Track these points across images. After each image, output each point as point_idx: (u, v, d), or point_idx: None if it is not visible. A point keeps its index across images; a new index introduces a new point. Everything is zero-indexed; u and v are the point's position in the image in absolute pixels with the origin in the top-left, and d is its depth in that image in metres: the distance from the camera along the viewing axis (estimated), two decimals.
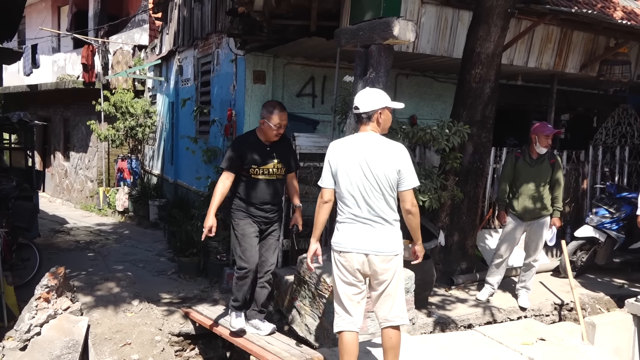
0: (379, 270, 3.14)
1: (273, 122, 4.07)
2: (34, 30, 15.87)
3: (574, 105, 10.14)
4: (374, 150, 3.15)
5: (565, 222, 7.36)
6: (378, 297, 3.23)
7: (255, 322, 4.35)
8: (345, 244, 3.16)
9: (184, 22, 9.57)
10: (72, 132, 14.72)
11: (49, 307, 4.43)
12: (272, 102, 4.34)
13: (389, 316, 3.21)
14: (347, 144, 3.23)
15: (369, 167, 3.11)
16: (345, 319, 3.21)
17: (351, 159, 3.16)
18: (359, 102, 3.24)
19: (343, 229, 3.20)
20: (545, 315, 5.53)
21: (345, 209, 3.18)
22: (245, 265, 4.13)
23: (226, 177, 4.07)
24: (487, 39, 5.60)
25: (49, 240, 8.75)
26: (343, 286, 3.22)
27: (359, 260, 3.14)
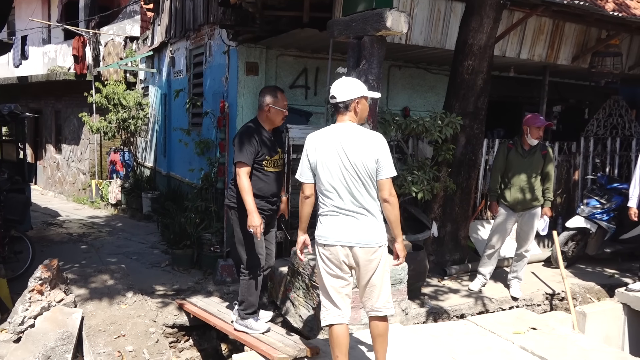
0: (364, 262, 3.14)
1: (280, 104, 3.98)
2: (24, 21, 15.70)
3: (565, 96, 10.19)
4: (351, 140, 3.11)
5: (556, 213, 7.42)
6: (364, 288, 3.23)
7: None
8: (329, 237, 3.14)
9: (176, 13, 9.50)
10: (63, 124, 14.62)
11: (43, 299, 4.43)
12: (271, 86, 4.28)
13: (376, 306, 3.22)
14: (323, 136, 3.19)
15: (347, 157, 3.08)
16: (333, 312, 3.20)
17: (329, 150, 3.13)
18: (335, 92, 3.19)
19: (326, 221, 3.17)
20: (537, 305, 5.59)
21: (327, 202, 3.16)
22: (258, 263, 4.01)
23: (247, 171, 3.85)
24: (479, 31, 5.61)
25: (42, 232, 8.72)
26: (329, 279, 3.20)
27: (343, 252, 3.13)
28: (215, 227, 6.79)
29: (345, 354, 3.16)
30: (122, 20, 13.69)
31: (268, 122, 4.04)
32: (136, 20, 13.29)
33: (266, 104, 3.98)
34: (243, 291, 4.09)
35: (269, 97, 3.99)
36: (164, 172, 10.55)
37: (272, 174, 4.03)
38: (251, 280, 4.03)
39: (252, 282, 4.03)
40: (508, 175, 5.33)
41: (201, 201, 7.15)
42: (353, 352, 3.38)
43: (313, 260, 4.59)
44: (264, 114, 4.02)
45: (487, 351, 3.95)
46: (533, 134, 5.19)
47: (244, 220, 3.89)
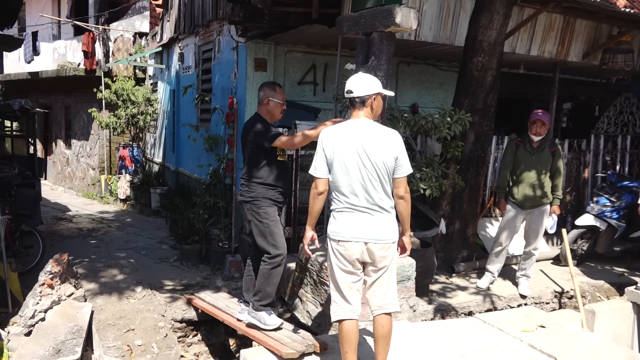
0: (378, 258, 3.14)
1: (279, 97, 4.06)
2: (34, 17, 15.80)
3: (576, 94, 10.12)
4: (371, 137, 3.09)
5: (566, 211, 7.38)
6: (372, 284, 3.22)
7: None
8: (343, 233, 3.12)
9: (185, 9, 9.52)
10: (73, 119, 14.71)
11: (53, 293, 4.47)
12: (268, 82, 4.30)
13: (383, 303, 3.20)
14: (342, 132, 3.14)
15: (367, 154, 3.07)
16: (344, 308, 3.18)
17: (348, 146, 3.09)
18: (352, 86, 3.17)
19: (341, 217, 3.15)
20: (546, 303, 5.58)
21: (342, 198, 3.13)
22: (281, 252, 4.01)
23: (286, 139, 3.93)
24: (489, 27, 5.58)
25: (52, 227, 8.79)
26: (342, 275, 3.18)
27: (358, 249, 3.11)
28: (223, 223, 6.82)
29: (355, 349, 3.16)
30: (132, 16, 13.74)
31: (268, 116, 4.10)
32: (145, 16, 13.33)
33: (265, 97, 4.07)
34: (261, 280, 4.04)
35: (268, 91, 4.09)
36: (172, 167, 10.60)
37: (283, 163, 4.12)
38: (272, 270, 4.00)
39: (273, 272, 4.01)
40: (516, 173, 5.30)
41: (209, 197, 7.17)
42: (361, 347, 3.38)
43: (321, 256, 4.60)
44: (263, 108, 4.11)
45: (495, 349, 3.94)
46: (531, 129, 5.18)
47: (263, 212, 3.97)
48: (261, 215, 3.99)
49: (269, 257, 4.02)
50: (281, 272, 4.09)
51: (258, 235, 4.04)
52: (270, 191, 4.00)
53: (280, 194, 4.07)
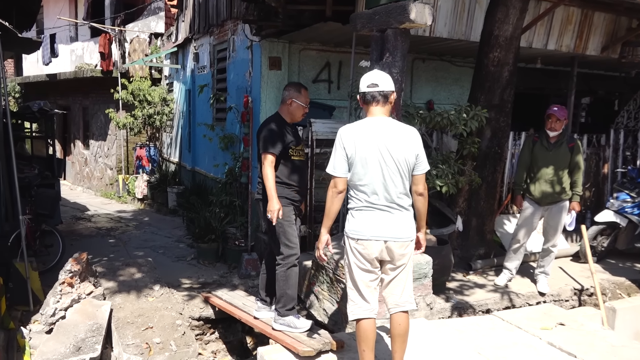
0: (397, 256, 3.12)
1: (302, 100, 4.07)
2: (52, 20, 16.01)
3: (594, 88, 9.96)
4: (392, 134, 3.06)
5: (585, 207, 7.28)
6: (390, 282, 3.19)
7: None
8: (363, 232, 3.08)
9: (199, 9, 9.57)
10: (91, 120, 14.89)
11: (73, 291, 4.54)
12: (296, 82, 4.30)
13: (400, 301, 3.19)
14: (362, 129, 3.09)
15: (389, 152, 3.03)
16: (362, 306, 3.15)
17: (370, 144, 3.04)
18: (378, 80, 3.12)
19: (360, 216, 3.10)
20: (565, 301, 5.51)
21: (361, 196, 3.09)
22: (294, 252, 4.01)
23: (272, 160, 3.89)
24: (505, 22, 5.51)
25: (71, 227, 8.91)
26: (360, 273, 3.15)
27: (377, 247, 3.08)
28: (239, 222, 6.85)
29: (372, 348, 3.15)
30: (147, 17, 13.85)
31: (289, 116, 4.11)
32: (160, 16, 13.43)
33: (289, 98, 4.08)
34: (280, 284, 4.01)
35: (292, 91, 4.09)
36: (188, 167, 10.67)
37: (299, 163, 4.10)
38: (288, 271, 4.00)
39: (289, 272, 4.01)
40: (534, 169, 5.24)
41: (225, 195, 7.21)
42: (378, 345, 3.37)
43: (337, 254, 4.60)
44: (286, 107, 4.11)
45: (514, 347, 3.90)
46: (546, 125, 5.12)
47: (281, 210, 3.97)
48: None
49: (282, 257, 4.01)
50: (297, 272, 4.08)
51: (271, 234, 4.06)
52: (287, 190, 4.01)
53: (297, 193, 4.07)
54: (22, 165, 7.33)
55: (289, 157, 4.02)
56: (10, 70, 19.45)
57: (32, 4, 7.30)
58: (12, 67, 19.65)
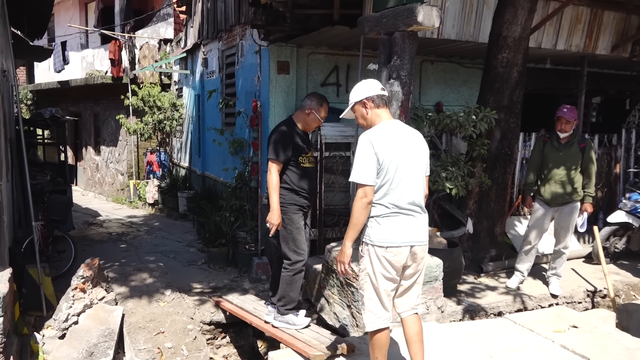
0: (419, 259, 3.10)
1: (321, 114, 4.10)
2: (63, 28, 16.20)
3: (605, 87, 9.88)
4: (412, 137, 3.10)
5: (597, 208, 7.21)
6: (409, 287, 3.16)
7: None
8: (394, 239, 2.98)
9: (208, 14, 9.63)
10: (102, 126, 15.02)
11: (85, 297, 4.57)
12: (320, 94, 4.22)
13: (414, 304, 3.20)
14: (388, 133, 3.03)
15: (414, 155, 3.05)
16: (382, 316, 3.09)
17: (398, 148, 3.00)
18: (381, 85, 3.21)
19: (387, 223, 2.99)
20: (578, 303, 5.46)
21: (388, 201, 2.99)
22: (302, 258, 4.08)
23: (278, 169, 3.94)
24: (513, 22, 5.49)
25: (83, 232, 8.99)
26: (385, 283, 3.05)
27: (405, 253, 3.02)
28: (249, 226, 6.87)
29: (385, 355, 3.14)
30: (156, 23, 13.96)
31: (303, 124, 4.13)
32: (169, 22, 13.53)
33: (309, 108, 4.09)
34: (284, 287, 4.12)
35: (314, 103, 4.10)
36: (198, 171, 10.72)
37: (309, 170, 4.12)
38: (295, 276, 4.09)
39: (295, 277, 4.10)
40: (544, 170, 5.21)
41: (235, 200, 7.24)
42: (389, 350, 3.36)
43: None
44: (303, 115, 4.12)
45: (526, 350, 3.87)
46: (556, 126, 5.09)
47: (288, 219, 4.01)
48: (285, 221, 4.04)
49: (289, 263, 4.07)
50: (303, 276, 4.15)
51: (282, 239, 4.09)
52: (296, 196, 4.04)
53: (306, 199, 4.10)
54: (35, 172, 7.41)
55: (299, 163, 4.04)
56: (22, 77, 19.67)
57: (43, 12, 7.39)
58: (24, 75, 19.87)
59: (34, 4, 6.77)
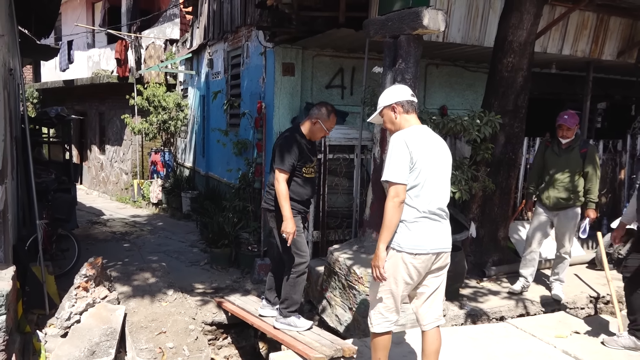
0: (444, 266, 3.06)
1: (328, 125, 4.07)
2: (70, 27, 16.28)
3: (611, 93, 9.85)
4: (440, 143, 3.09)
5: (601, 214, 7.19)
6: (431, 295, 3.10)
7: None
8: (423, 245, 2.93)
9: (214, 15, 9.66)
10: (107, 125, 15.08)
11: (88, 296, 4.58)
12: (329, 104, 4.17)
13: (438, 314, 3.13)
14: (421, 136, 3.01)
15: (442, 162, 3.04)
16: (391, 320, 3.08)
17: (431, 152, 2.99)
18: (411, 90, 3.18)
19: (417, 228, 2.93)
20: (581, 308, 5.43)
21: (419, 205, 2.93)
22: (304, 260, 4.10)
23: (286, 177, 3.97)
24: (519, 27, 5.48)
25: (87, 231, 9.02)
26: (405, 288, 3.02)
27: (432, 260, 2.97)
28: (252, 227, 6.88)
29: (387, 356, 3.16)
30: (163, 23, 14.02)
31: (309, 132, 4.13)
32: (176, 23, 13.58)
33: (316, 117, 4.06)
34: (287, 289, 4.14)
35: (322, 113, 4.06)
36: (202, 172, 10.75)
37: (309, 179, 4.15)
38: (298, 278, 4.10)
39: (298, 280, 4.11)
40: (545, 174, 5.21)
41: (239, 201, 7.25)
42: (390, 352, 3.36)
43: (349, 259, 4.60)
44: (309, 124, 4.11)
45: (528, 355, 3.86)
46: (557, 132, 5.08)
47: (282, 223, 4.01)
48: (280, 226, 4.04)
49: (292, 265, 4.09)
50: (305, 278, 4.17)
51: (282, 243, 4.10)
52: (294, 203, 4.07)
53: (305, 204, 4.16)
54: (40, 170, 7.45)
55: (302, 173, 4.08)
56: (28, 76, 19.78)
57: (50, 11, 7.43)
58: (30, 73, 19.99)
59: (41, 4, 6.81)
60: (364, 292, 4.35)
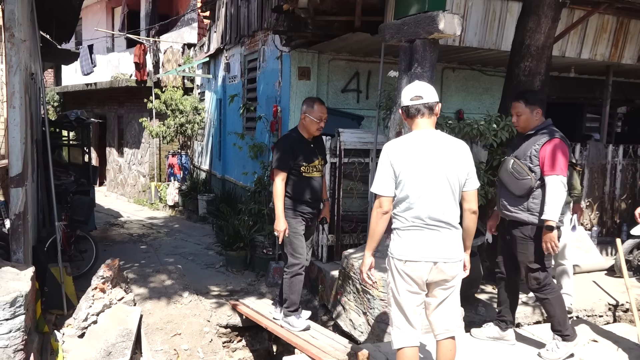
0: (448, 277, 2.95)
1: (315, 115, 4.11)
2: (90, 31, 16.52)
3: (631, 97, 9.71)
4: (443, 149, 2.91)
5: (621, 220, 7.08)
6: (438, 306, 3.00)
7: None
8: (412, 254, 2.88)
9: (231, 20, 9.75)
10: (125, 129, 15.27)
11: (105, 297, 4.64)
12: (312, 97, 4.35)
13: (450, 325, 3.01)
14: (410, 144, 2.91)
15: (441, 169, 2.88)
16: (408, 333, 2.95)
17: (420, 160, 2.87)
18: (421, 92, 2.96)
19: (407, 236, 2.90)
20: (599, 316, 5.35)
21: (408, 214, 2.89)
22: (299, 262, 4.19)
23: (282, 177, 4.07)
24: (537, 31, 5.43)
25: (105, 233, 9.13)
26: (408, 297, 2.93)
27: (426, 269, 2.89)
28: (268, 230, 6.89)
29: None
30: (181, 27, 14.16)
31: (305, 130, 4.20)
32: (193, 27, 13.72)
33: (303, 113, 4.18)
34: (285, 289, 4.30)
35: (305, 106, 4.17)
36: (219, 175, 10.82)
37: (310, 179, 4.19)
38: (292, 279, 4.23)
39: (293, 280, 4.23)
40: None
41: (254, 204, 7.28)
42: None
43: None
44: (301, 122, 4.23)
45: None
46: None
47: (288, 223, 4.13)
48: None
49: (287, 266, 4.24)
50: (302, 280, 4.25)
51: (284, 241, 4.23)
52: (295, 203, 4.16)
53: (307, 206, 4.21)
54: (59, 173, 7.56)
55: (301, 172, 4.13)
56: (50, 79, 20.13)
57: (71, 16, 7.56)
58: (52, 77, 20.33)
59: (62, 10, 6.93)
60: (378, 296, 4.34)
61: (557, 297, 3.75)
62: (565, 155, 3.60)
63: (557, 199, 3.51)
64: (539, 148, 3.63)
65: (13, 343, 3.60)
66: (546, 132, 3.70)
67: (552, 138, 3.62)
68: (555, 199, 3.51)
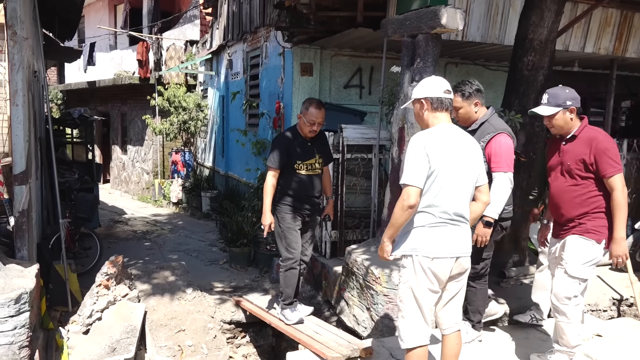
0: (464, 271, 2.98)
1: (307, 118, 4.14)
2: (93, 29, 16.54)
3: (635, 91, 9.66)
4: (465, 144, 2.93)
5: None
6: (450, 300, 3.02)
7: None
8: (440, 251, 2.84)
9: (233, 16, 9.74)
10: (128, 126, 15.30)
11: (109, 293, 4.66)
12: (312, 99, 4.30)
13: (458, 319, 3.05)
14: (443, 137, 2.87)
15: (466, 163, 2.89)
16: (422, 332, 2.92)
17: (452, 154, 2.85)
18: (450, 87, 2.96)
19: (434, 233, 2.85)
20: (603, 311, 5.34)
21: (435, 210, 2.84)
22: (292, 256, 4.27)
23: (273, 174, 4.20)
24: (540, 25, 5.40)
25: (109, 230, 9.16)
26: (428, 296, 2.90)
27: (450, 265, 2.88)
28: None
29: None
30: (183, 24, 14.16)
31: (301, 130, 4.27)
32: (196, 24, 13.71)
33: (300, 113, 4.25)
34: (280, 283, 4.43)
35: (303, 107, 4.23)
36: (222, 171, 10.84)
37: (305, 177, 4.25)
38: (286, 273, 4.32)
39: (287, 274, 4.32)
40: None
41: (257, 200, 7.28)
42: None
43: (367, 260, 4.59)
44: (298, 121, 4.30)
45: None
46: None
47: (280, 218, 4.25)
48: (278, 219, 4.28)
49: (281, 259, 4.36)
50: (296, 274, 4.34)
51: (277, 237, 4.33)
52: (289, 198, 4.23)
53: (302, 202, 4.26)
54: (63, 170, 7.59)
55: (294, 170, 4.21)
56: (53, 77, 20.16)
57: (73, 14, 7.56)
58: (55, 75, 20.37)
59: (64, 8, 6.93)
60: (381, 292, 4.35)
61: (483, 291, 4.00)
62: (510, 150, 3.64)
63: (501, 196, 3.58)
64: (484, 145, 3.61)
65: (18, 340, 3.63)
66: (490, 126, 3.69)
67: (497, 133, 3.62)
68: (499, 196, 3.55)
